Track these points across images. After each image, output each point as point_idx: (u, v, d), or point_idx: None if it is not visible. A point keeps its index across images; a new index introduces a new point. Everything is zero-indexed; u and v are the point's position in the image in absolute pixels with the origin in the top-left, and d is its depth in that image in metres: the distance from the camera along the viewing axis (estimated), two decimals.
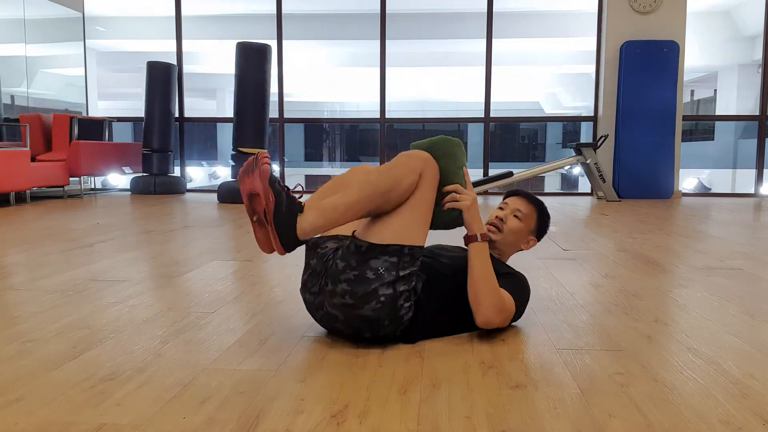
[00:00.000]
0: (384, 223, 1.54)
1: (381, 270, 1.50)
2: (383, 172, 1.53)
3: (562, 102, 17.63)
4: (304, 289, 1.65)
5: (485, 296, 1.57)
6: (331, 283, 1.53)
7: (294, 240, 1.49)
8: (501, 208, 1.84)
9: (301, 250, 2.39)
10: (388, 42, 7.28)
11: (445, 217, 1.65)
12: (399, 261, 1.51)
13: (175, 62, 7.40)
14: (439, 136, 1.66)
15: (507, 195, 1.90)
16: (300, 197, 1.55)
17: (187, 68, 8.03)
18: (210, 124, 19.91)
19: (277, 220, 1.47)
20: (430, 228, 1.63)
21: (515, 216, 1.81)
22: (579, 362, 1.47)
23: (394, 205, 1.53)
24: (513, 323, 1.76)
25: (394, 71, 11.23)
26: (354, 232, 1.60)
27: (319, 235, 1.68)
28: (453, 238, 3.06)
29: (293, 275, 2.46)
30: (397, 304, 1.51)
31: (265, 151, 1.50)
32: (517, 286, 1.69)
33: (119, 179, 8.48)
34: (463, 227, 1.67)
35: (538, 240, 1.87)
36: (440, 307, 1.62)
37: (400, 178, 1.51)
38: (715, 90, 13.48)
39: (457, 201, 1.62)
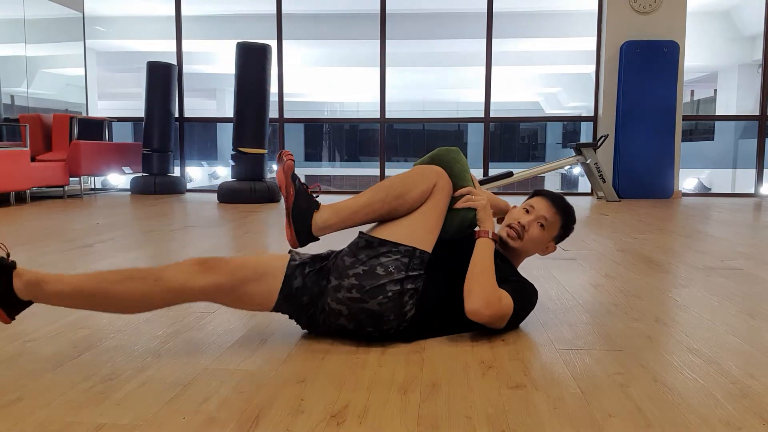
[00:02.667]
0: (396, 225, 1.58)
1: (391, 268, 1.52)
2: (398, 179, 1.60)
3: (562, 102, 17.62)
4: (303, 312, 1.59)
5: (479, 287, 1.56)
6: (336, 278, 1.54)
7: (308, 233, 1.57)
8: (526, 211, 1.77)
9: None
10: (388, 42, 7.28)
11: (455, 221, 1.67)
12: (410, 262, 1.54)
13: (175, 62, 7.40)
14: (437, 148, 1.72)
15: (534, 194, 1.82)
16: (317, 197, 1.62)
17: (187, 68, 8.03)
18: (210, 124, 19.91)
19: (295, 213, 1.56)
20: (442, 236, 1.66)
21: (539, 224, 1.74)
22: (579, 362, 1.47)
23: (406, 211, 1.59)
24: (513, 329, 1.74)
25: (394, 71, 11.23)
26: (360, 232, 1.62)
27: (308, 257, 1.66)
28: None
29: None
30: (402, 300, 1.52)
31: (288, 151, 1.62)
32: (521, 292, 1.67)
33: (119, 179, 8.49)
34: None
35: (558, 244, 1.84)
36: (442, 306, 1.63)
37: (414, 185, 1.58)
38: (715, 90, 13.48)
39: (473, 201, 1.66)
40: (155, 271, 1.49)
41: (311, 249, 2.23)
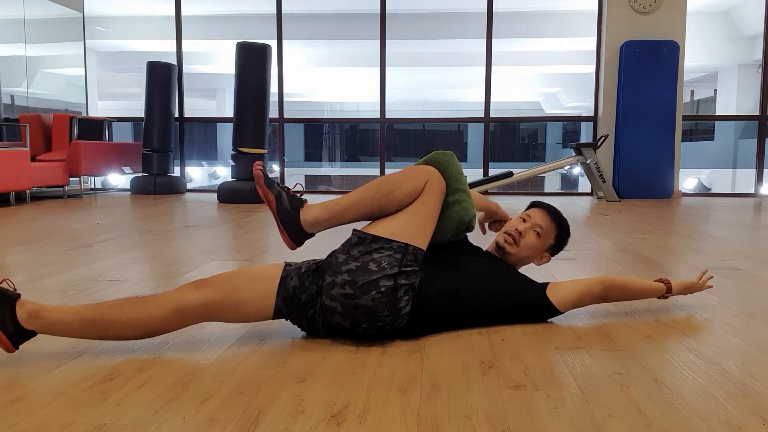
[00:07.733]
0: (388, 222, 1.59)
1: (384, 264, 1.51)
2: (389, 176, 1.62)
3: (562, 102, 17.62)
4: (302, 313, 1.59)
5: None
6: (330, 275, 1.54)
7: (300, 232, 1.58)
8: (523, 220, 1.87)
9: (304, 256, 2.38)
10: (388, 42, 7.28)
11: (453, 224, 1.67)
12: (403, 258, 1.54)
13: (175, 62, 7.40)
14: (432, 152, 1.75)
15: (531, 205, 1.93)
16: (301, 195, 1.63)
17: (187, 68, 8.03)
18: (210, 124, 19.90)
19: (281, 216, 1.57)
20: (439, 239, 1.69)
21: (535, 232, 1.84)
22: (579, 362, 1.47)
23: (396, 207, 1.59)
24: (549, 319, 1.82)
25: (394, 71, 11.22)
26: (354, 229, 1.62)
27: (304, 261, 1.67)
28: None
29: None
30: (396, 295, 1.52)
31: (259, 161, 1.66)
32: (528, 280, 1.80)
33: (119, 179, 8.49)
34: (467, 234, 1.78)
35: (553, 256, 1.93)
36: (439, 303, 1.63)
37: (403, 182, 1.59)
38: (715, 90, 13.48)
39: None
40: (154, 294, 1.54)
41: (308, 255, 2.22)
